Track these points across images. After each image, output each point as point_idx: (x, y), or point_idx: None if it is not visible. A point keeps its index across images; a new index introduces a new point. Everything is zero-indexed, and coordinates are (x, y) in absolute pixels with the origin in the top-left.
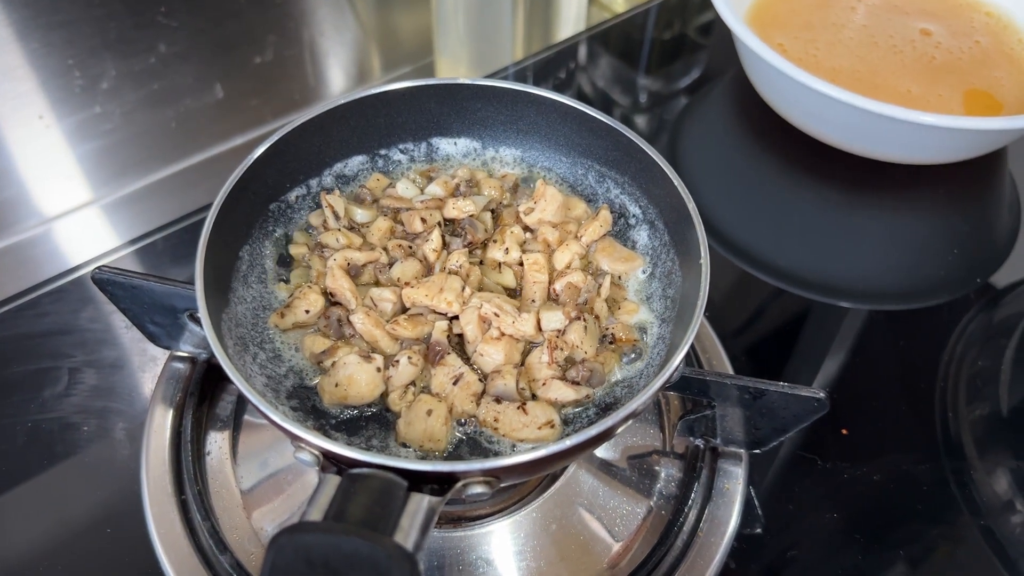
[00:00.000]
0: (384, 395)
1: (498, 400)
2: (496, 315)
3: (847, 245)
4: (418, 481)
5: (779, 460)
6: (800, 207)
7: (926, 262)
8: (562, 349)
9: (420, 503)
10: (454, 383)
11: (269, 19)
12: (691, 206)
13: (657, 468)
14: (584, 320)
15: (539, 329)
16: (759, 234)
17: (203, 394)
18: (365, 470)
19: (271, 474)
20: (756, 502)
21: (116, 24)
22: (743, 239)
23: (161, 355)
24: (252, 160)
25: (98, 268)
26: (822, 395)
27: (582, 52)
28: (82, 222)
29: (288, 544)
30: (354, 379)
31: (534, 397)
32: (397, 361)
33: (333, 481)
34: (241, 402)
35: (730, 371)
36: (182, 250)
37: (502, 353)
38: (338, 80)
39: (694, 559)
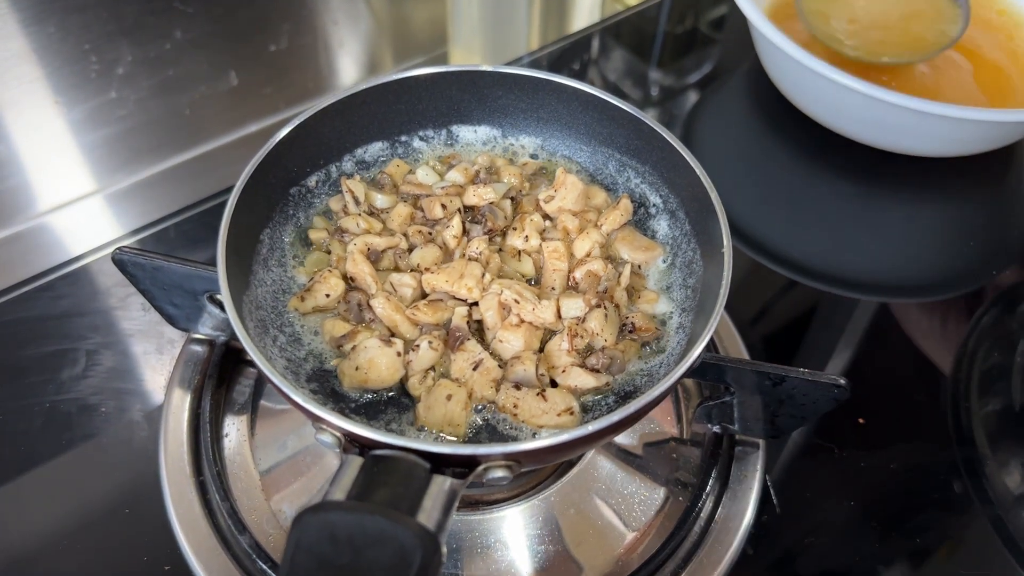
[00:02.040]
0: (403, 380)
1: (517, 386)
2: (516, 301)
3: (863, 237)
4: (440, 464)
5: (796, 448)
6: (816, 199)
7: (942, 254)
8: (582, 337)
9: (443, 485)
10: (474, 368)
11: (284, 7)
12: (713, 195)
13: (674, 455)
14: (604, 308)
15: (559, 316)
16: (775, 226)
17: (221, 377)
18: (388, 452)
19: (289, 457)
20: (772, 490)
21: (133, 10)
22: (759, 230)
23: (178, 338)
24: (274, 143)
25: (119, 249)
26: (843, 382)
27: (595, 44)
28: (95, 208)
29: (313, 522)
30: (374, 363)
31: (553, 384)
32: (417, 346)
33: (356, 462)
34: (259, 386)
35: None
36: (195, 236)
37: (521, 339)
38: (352, 69)
39: (712, 545)
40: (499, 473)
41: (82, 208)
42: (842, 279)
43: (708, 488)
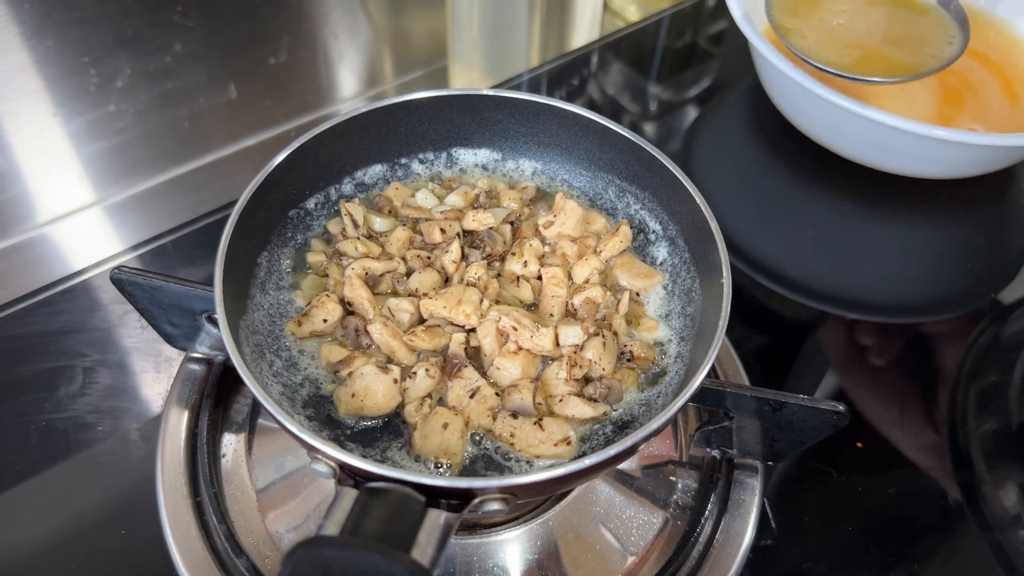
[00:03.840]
0: (400, 407)
1: (514, 415)
2: (514, 329)
3: (860, 257)
4: (435, 496)
5: (794, 472)
6: (814, 219)
7: (940, 276)
8: (580, 366)
9: (437, 519)
10: (471, 396)
11: (283, 20)
12: (713, 225)
13: (673, 478)
14: (603, 336)
15: (557, 344)
16: (773, 245)
17: (219, 396)
18: (382, 484)
19: (286, 477)
20: (771, 513)
21: (132, 22)
22: (755, 248)
23: (175, 356)
24: (273, 166)
25: (117, 268)
26: (842, 408)
27: (595, 60)
28: (94, 220)
29: (305, 558)
30: (371, 390)
31: (551, 413)
32: (414, 373)
33: (350, 495)
34: (256, 405)
35: (746, 382)
36: (193, 252)
37: (519, 367)
38: (351, 83)
39: (709, 570)
40: (495, 506)
41: (80, 220)
42: (839, 299)
43: (707, 512)
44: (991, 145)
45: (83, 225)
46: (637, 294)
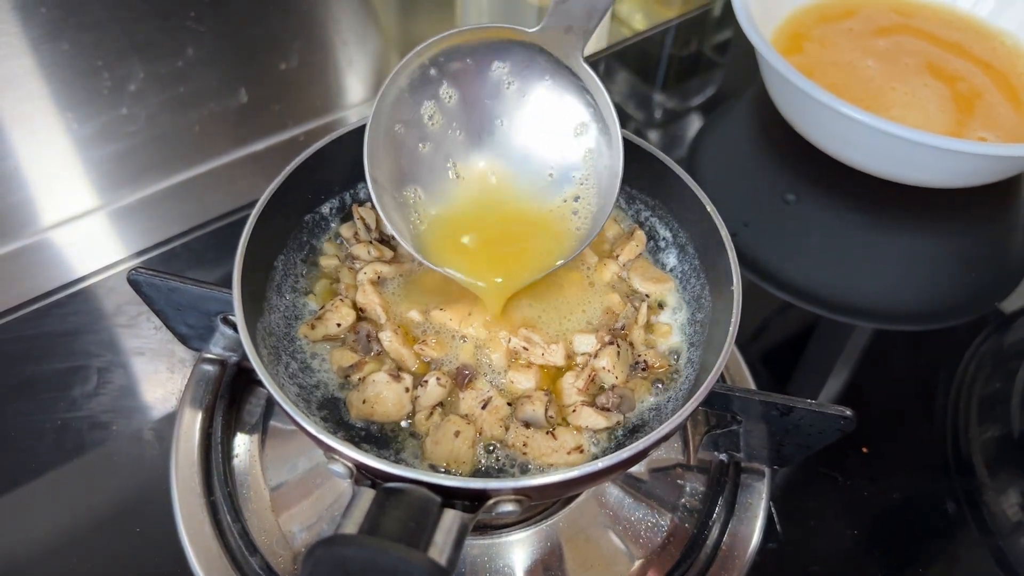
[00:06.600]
0: (410, 415)
1: (527, 424)
2: (525, 348)
3: (865, 265)
4: (451, 497)
5: (801, 476)
6: (818, 227)
7: (943, 284)
8: (595, 380)
9: (453, 519)
10: (483, 407)
11: (294, 26)
12: (724, 233)
13: (681, 482)
14: (617, 346)
15: (569, 358)
16: (777, 252)
17: (232, 397)
18: (399, 484)
19: (299, 477)
20: (777, 518)
21: (145, 27)
22: (760, 255)
23: (189, 357)
24: (291, 171)
25: (135, 270)
26: (849, 413)
27: (602, 68)
28: (106, 222)
29: (325, 556)
30: (381, 397)
31: (563, 421)
32: (425, 381)
33: (368, 495)
34: (269, 406)
35: (752, 387)
36: (204, 256)
37: (532, 380)
38: (360, 88)
39: (716, 573)
40: (509, 507)
41: (91, 223)
42: (844, 306)
43: (714, 515)
44: (997, 155)
45: (93, 228)
46: (647, 296)
